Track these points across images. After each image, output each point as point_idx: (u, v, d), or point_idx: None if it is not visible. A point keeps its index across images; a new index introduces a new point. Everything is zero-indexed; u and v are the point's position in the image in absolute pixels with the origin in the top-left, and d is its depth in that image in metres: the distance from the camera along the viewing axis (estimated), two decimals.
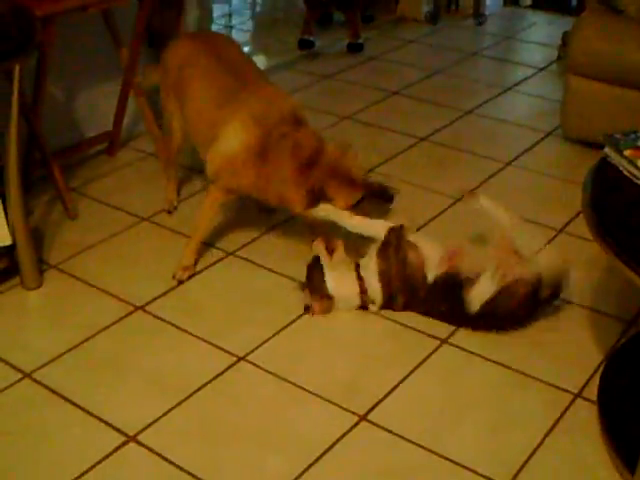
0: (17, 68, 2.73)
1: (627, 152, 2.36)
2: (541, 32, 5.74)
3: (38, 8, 2.96)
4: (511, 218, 2.83)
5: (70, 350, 2.67)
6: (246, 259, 3.14)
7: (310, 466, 2.26)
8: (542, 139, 4.11)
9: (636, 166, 2.30)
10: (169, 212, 3.42)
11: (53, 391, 2.50)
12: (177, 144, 3.34)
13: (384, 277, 2.77)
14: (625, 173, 2.35)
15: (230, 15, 6.38)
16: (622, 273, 2.00)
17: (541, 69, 5.01)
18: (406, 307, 2.83)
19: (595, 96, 3.80)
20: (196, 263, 3.08)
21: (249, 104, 2.90)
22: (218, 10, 6.57)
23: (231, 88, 2.97)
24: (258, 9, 6.71)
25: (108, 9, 3.46)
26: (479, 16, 5.81)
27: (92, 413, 2.42)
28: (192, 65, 3.09)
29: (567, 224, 3.35)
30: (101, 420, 2.40)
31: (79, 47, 3.66)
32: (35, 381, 2.54)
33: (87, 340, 2.72)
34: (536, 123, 4.25)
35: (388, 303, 2.82)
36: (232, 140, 2.88)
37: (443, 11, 5.91)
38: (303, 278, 2.93)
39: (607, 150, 2.44)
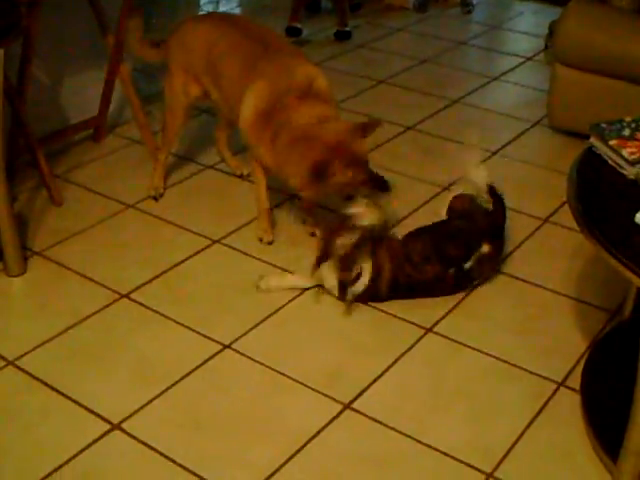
0: (1, 53, 2.71)
1: (612, 142, 2.36)
2: (528, 21, 5.74)
3: None
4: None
5: (54, 337, 2.66)
6: (232, 247, 3.13)
7: (295, 454, 2.26)
8: (528, 129, 4.12)
9: (621, 156, 2.31)
10: (155, 199, 3.41)
11: (36, 378, 2.50)
12: (179, 123, 3.37)
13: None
14: (610, 163, 2.35)
15: (217, 2, 6.35)
16: (606, 263, 2.00)
17: (528, 59, 5.01)
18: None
19: (581, 86, 3.80)
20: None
21: (266, 71, 2.93)
22: None
23: (258, 56, 2.99)
24: None
25: None
26: (467, 5, 5.81)
27: (76, 401, 2.42)
28: (223, 43, 3.09)
29: (552, 214, 3.36)
30: (85, 408, 2.39)
31: (65, 32, 3.64)
32: (18, 368, 2.53)
33: (71, 327, 2.71)
34: (523, 113, 4.26)
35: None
36: (246, 106, 2.93)
37: (431, 0, 5.90)
38: (288, 265, 2.94)
39: (592, 140, 2.44)
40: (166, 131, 3.42)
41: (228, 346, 2.64)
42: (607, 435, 2.25)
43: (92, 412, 2.38)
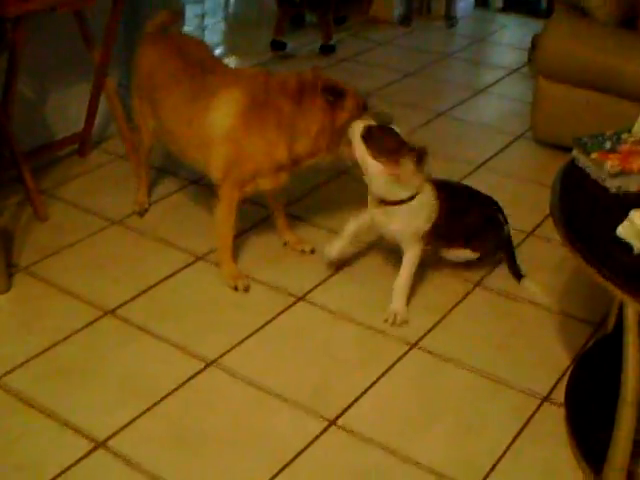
0: None
1: (594, 155, 2.38)
2: (512, 35, 5.78)
3: (8, 8, 2.94)
4: None
5: (38, 355, 2.65)
6: (215, 263, 3.13)
7: (280, 471, 2.26)
8: (513, 141, 4.14)
9: (603, 169, 2.32)
10: (140, 214, 3.41)
11: (20, 397, 2.48)
12: (147, 145, 3.35)
13: None
14: (592, 176, 2.36)
15: (203, 16, 6.36)
16: (590, 276, 2.01)
17: (512, 71, 5.04)
18: None
19: (564, 99, 3.83)
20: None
21: (221, 85, 2.91)
22: (191, 11, 6.55)
23: (202, 81, 2.96)
24: (231, 10, 6.70)
25: (79, 10, 3.44)
26: (450, 18, 5.84)
27: (60, 419, 2.41)
28: (161, 70, 3.08)
29: (536, 227, 3.37)
30: (69, 426, 2.38)
31: (50, 47, 3.64)
32: (1, 387, 2.52)
33: (56, 345, 2.70)
34: (507, 125, 4.28)
35: None
36: (223, 120, 2.86)
37: (415, 13, 5.93)
38: (272, 282, 2.95)
39: (575, 153, 2.45)
40: (141, 148, 3.42)
41: (212, 363, 2.64)
42: (591, 449, 2.26)
43: (76, 430, 2.37)
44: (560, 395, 2.49)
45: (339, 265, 3.10)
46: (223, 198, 2.98)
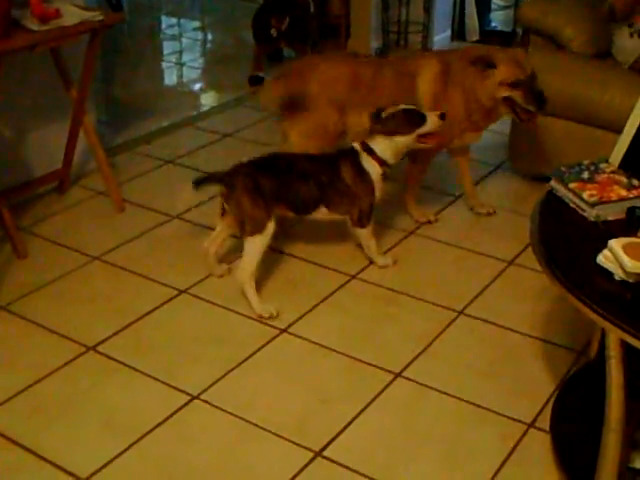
0: None
1: (572, 185, 2.40)
2: None
3: None
4: None
5: (20, 393, 2.62)
6: (198, 296, 3.13)
7: None
8: (491, 172, 4.17)
9: (581, 198, 2.35)
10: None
11: (2, 435, 2.45)
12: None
13: None
14: (571, 205, 2.39)
15: (181, 52, 6.40)
16: (571, 304, 2.03)
17: None
18: None
19: (541, 130, 3.86)
20: None
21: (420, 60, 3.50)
22: (168, 47, 6.61)
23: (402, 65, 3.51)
24: (208, 46, 6.75)
25: (57, 48, 3.45)
26: (427, 50, 5.89)
27: (43, 457, 2.38)
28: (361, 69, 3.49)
29: (517, 256, 3.39)
30: (53, 464, 2.36)
31: (28, 85, 3.65)
32: None
33: (37, 382, 2.67)
34: (485, 156, 4.30)
35: None
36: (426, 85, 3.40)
37: (392, 47, 5.98)
38: (254, 314, 2.95)
39: (553, 183, 2.48)
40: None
41: (197, 397, 2.62)
42: (577, 475, 2.26)
43: (60, 468, 2.34)
44: (545, 421, 2.49)
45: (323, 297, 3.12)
46: (422, 159, 3.55)
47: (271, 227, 2.96)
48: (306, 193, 3.07)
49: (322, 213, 3.15)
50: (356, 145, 3.16)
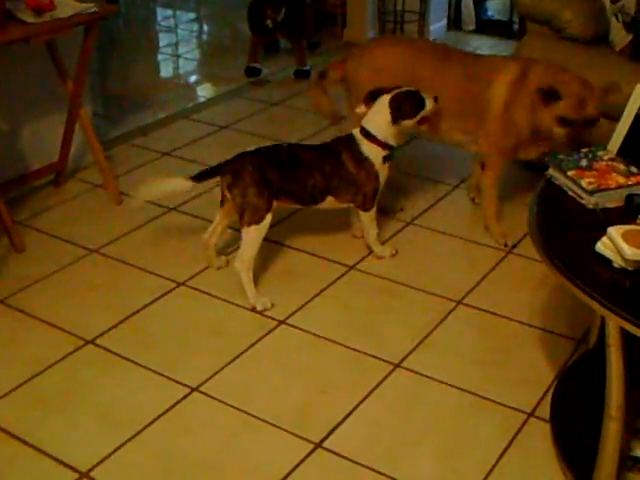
0: None
1: (571, 172, 2.40)
2: None
3: None
4: None
5: (19, 387, 2.62)
6: (197, 289, 3.12)
7: None
8: None
9: (580, 186, 2.34)
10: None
11: (2, 429, 2.45)
12: None
13: None
14: (570, 193, 2.38)
15: (177, 44, 6.38)
16: (570, 292, 2.02)
17: None
18: None
19: None
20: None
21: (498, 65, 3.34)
22: (164, 39, 6.59)
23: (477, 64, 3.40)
24: (204, 37, 6.73)
25: (52, 40, 3.44)
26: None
27: (43, 450, 2.38)
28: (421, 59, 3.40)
29: (515, 245, 3.38)
30: (52, 457, 2.35)
31: (24, 78, 3.63)
32: None
33: (36, 376, 2.67)
34: None
35: None
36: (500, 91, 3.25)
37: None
38: (248, 305, 2.95)
39: (551, 171, 2.47)
40: None
41: (196, 389, 2.62)
42: (578, 464, 2.26)
43: (59, 462, 2.34)
44: (545, 411, 2.49)
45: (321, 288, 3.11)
46: (491, 166, 3.39)
47: (269, 218, 2.95)
48: (312, 185, 3.06)
49: (329, 202, 3.14)
50: (355, 132, 3.14)
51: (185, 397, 2.59)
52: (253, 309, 2.98)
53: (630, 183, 2.34)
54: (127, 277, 3.19)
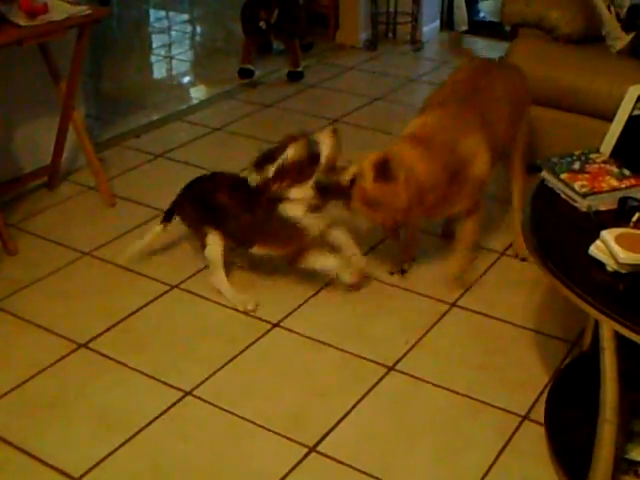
0: None
1: (563, 175, 2.40)
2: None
3: None
4: None
5: (11, 391, 2.61)
6: (190, 291, 3.11)
7: None
8: None
9: (573, 189, 2.34)
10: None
11: None
12: None
13: None
14: (563, 196, 2.38)
15: (170, 45, 6.37)
16: (563, 295, 2.02)
17: None
18: None
19: (532, 119, 3.85)
20: None
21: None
22: (157, 40, 6.58)
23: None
24: (197, 39, 6.72)
25: (45, 43, 3.43)
26: (416, 42, 5.89)
27: (35, 456, 2.37)
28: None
29: (508, 247, 3.38)
30: (45, 463, 2.34)
31: (16, 80, 3.62)
32: None
33: (29, 380, 2.66)
34: None
35: None
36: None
37: (381, 38, 5.97)
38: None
39: (544, 174, 2.47)
40: None
41: (189, 393, 2.61)
42: (573, 466, 2.26)
43: (52, 467, 2.33)
44: (540, 413, 2.49)
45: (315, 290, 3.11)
46: (478, 214, 3.08)
47: (212, 244, 3.02)
48: (238, 227, 3.02)
49: (257, 250, 3.05)
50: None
51: (179, 401, 2.58)
52: (235, 308, 3.00)
53: (623, 186, 2.34)
54: (120, 280, 3.18)
